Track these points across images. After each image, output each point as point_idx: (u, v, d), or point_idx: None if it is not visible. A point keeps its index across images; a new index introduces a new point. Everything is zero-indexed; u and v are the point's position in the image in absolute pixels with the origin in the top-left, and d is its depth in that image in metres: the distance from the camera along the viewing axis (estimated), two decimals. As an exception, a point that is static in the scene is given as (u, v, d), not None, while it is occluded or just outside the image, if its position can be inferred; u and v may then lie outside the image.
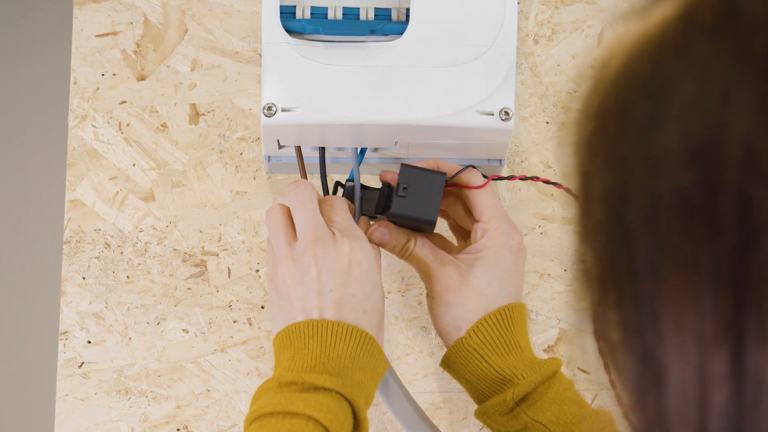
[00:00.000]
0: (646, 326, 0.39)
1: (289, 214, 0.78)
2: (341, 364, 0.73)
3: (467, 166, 0.83)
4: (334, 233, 0.76)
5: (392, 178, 0.84)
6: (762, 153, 0.36)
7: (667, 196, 0.38)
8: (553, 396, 0.77)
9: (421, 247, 0.82)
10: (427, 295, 0.82)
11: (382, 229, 0.82)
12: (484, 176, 0.83)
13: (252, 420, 0.71)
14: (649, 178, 0.38)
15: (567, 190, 0.87)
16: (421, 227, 0.83)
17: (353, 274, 0.75)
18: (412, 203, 0.82)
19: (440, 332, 0.81)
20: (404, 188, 0.82)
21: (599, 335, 0.42)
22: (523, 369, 0.77)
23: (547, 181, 0.87)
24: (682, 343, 0.38)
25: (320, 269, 0.75)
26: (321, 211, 0.78)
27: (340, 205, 0.79)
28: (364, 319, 0.75)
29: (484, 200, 0.82)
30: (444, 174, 0.82)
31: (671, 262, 0.38)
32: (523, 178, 0.87)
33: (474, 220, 0.83)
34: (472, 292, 0.79)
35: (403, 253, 0.83)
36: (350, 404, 0.72)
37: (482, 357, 0.78)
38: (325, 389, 0.71)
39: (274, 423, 0.69)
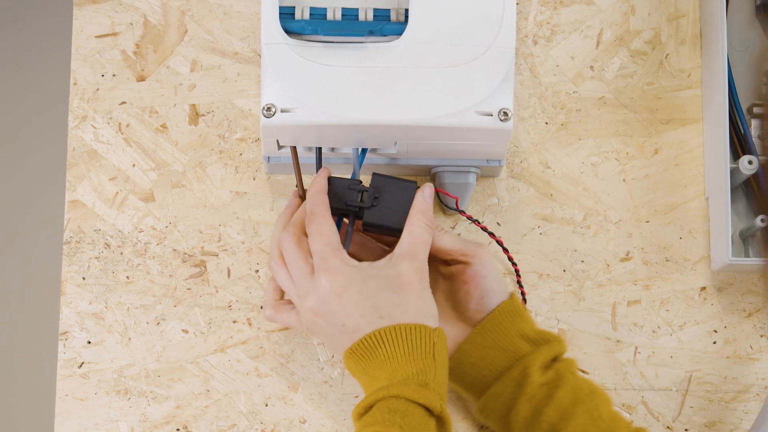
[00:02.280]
0: None
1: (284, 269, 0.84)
2: (390, 368, 0.77)
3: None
4: (313, 270, 0.81)
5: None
6: None
7: None
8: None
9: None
10: (464, 271, 0.86)
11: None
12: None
13: None
14: None
15: (499, 241, 0.93)
16: (393, 234, 0.85)
17: (349, 301, 0.79)
18: (384, 212, 0.84)
19: (483, 297, 0.85)
20: (376, 197, 0.84)
21: None
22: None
23: (484, 229, 0.93)
24: None
25: (324, 318, 0.80)
26: (309, 240, 0.82)
27: (316, 232, 0.81)
28: (387, 321, 0.78)
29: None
30: (414, 182, 0.85)
31: None
32: (470, 218, 0.92)
33: None
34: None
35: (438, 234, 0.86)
36: (405, 398, 0.75)
37: (527, 318, 0.85)
38: (377, 401, 0.75)
39: None
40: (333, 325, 0.79)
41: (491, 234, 0.92)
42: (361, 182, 0.85)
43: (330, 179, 0.84)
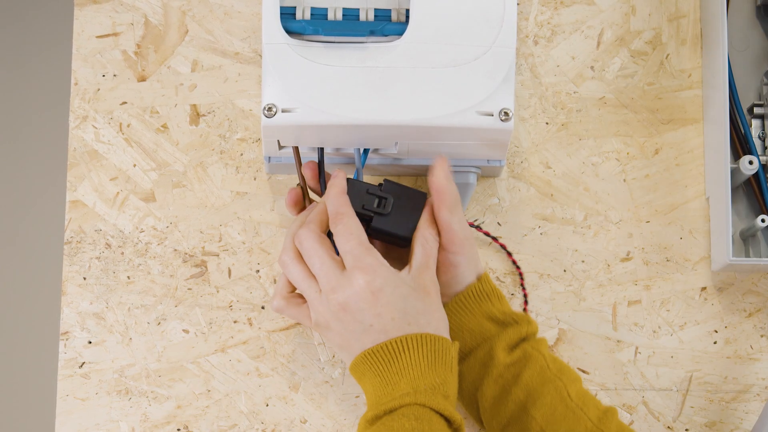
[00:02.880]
0: None
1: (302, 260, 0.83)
2: (411, 375, 0.77)
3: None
4: (345, 267, 0.80)
5: (310, 175, 0.87)
6: None
7: None
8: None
9: None
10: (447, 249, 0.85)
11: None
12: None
13: None
14: None
15: (502, 245, 0.94)
16: (399, 243, 0.85)
17: (382, 302, 0.78)
18: (393, 219, 0.84)
19: (448, 286, 0.85)
20: (386, 204, 0.84)
21: None
22: (524, 316, 0.85)
23: (487, 234, 0.94)
24: None
25: (351, 314, 0.79)
26: (335, 240, 0.81)
27: (346, 231, 0.81)
28: (414, 329, 0.78)
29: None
30: (425, 193, 0.85)
31: None
32: (471, 225, 0.93)
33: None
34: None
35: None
36: (430, 408, 0.76)
37: (499, 297, 0.86)
38: (401, 406, 0.76)
39: None
40: (359, 322, 0.78)
41: (494, 238, 0.93)
42: (380, 186, 0.84)
43: (347, 181, 0.84)
